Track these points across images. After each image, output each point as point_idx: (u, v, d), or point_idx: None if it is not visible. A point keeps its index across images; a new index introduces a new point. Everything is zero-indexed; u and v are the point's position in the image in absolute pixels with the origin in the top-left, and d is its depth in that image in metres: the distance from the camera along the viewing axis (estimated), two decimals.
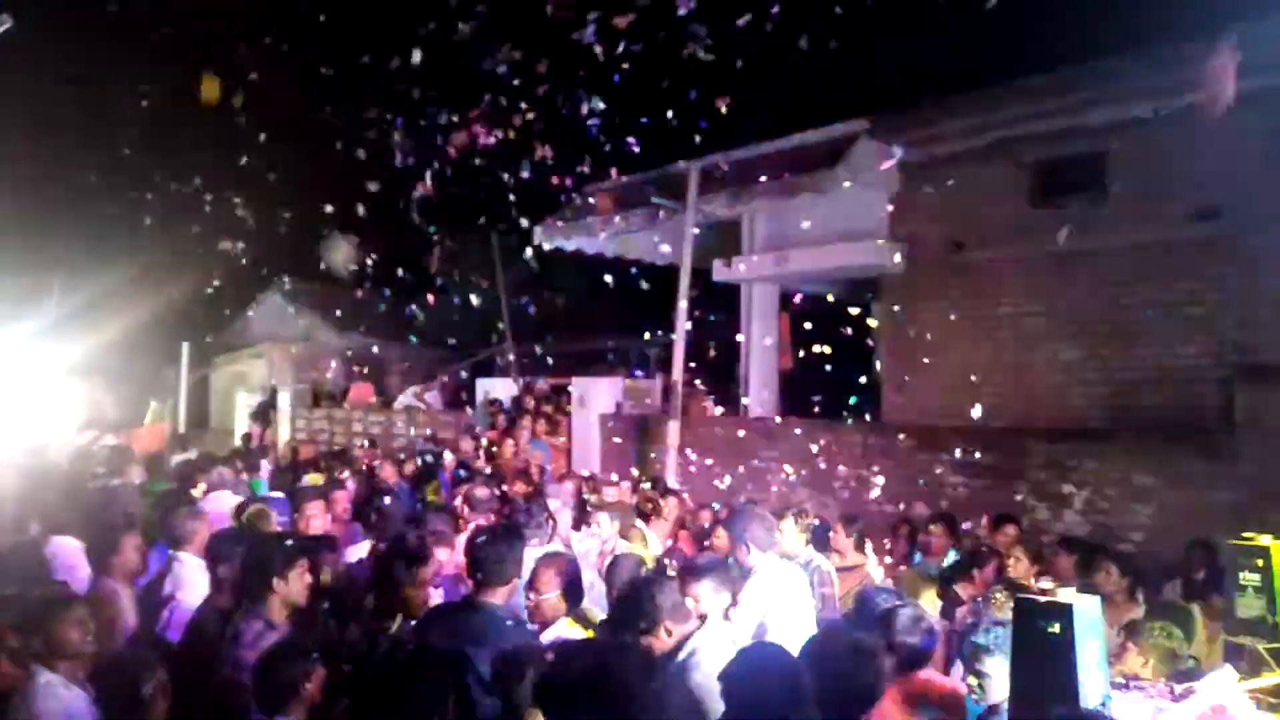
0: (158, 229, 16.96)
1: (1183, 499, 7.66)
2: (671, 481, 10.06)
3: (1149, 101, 9.07)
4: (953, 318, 10.53)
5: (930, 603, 4.66)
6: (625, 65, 8.77)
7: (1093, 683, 2.77)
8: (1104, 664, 2.80)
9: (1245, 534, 3.36)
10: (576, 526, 6.48)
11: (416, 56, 8.85)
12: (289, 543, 4.34)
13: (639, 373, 15.21)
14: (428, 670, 2.87)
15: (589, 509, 6.52)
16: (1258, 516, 6.47)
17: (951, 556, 6.36)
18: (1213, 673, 3.12)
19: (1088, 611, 2.82)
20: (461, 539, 5.18)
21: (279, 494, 7.55)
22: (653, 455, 11.35)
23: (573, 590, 3.99)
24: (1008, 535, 6.59)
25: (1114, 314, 9.48)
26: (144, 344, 17.61)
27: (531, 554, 4.43)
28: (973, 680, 3.44)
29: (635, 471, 10.85)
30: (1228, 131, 8.66)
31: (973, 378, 10.31)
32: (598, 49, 8.52)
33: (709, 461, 10.90)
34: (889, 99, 10.58)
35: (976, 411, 9.75)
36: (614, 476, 9.82)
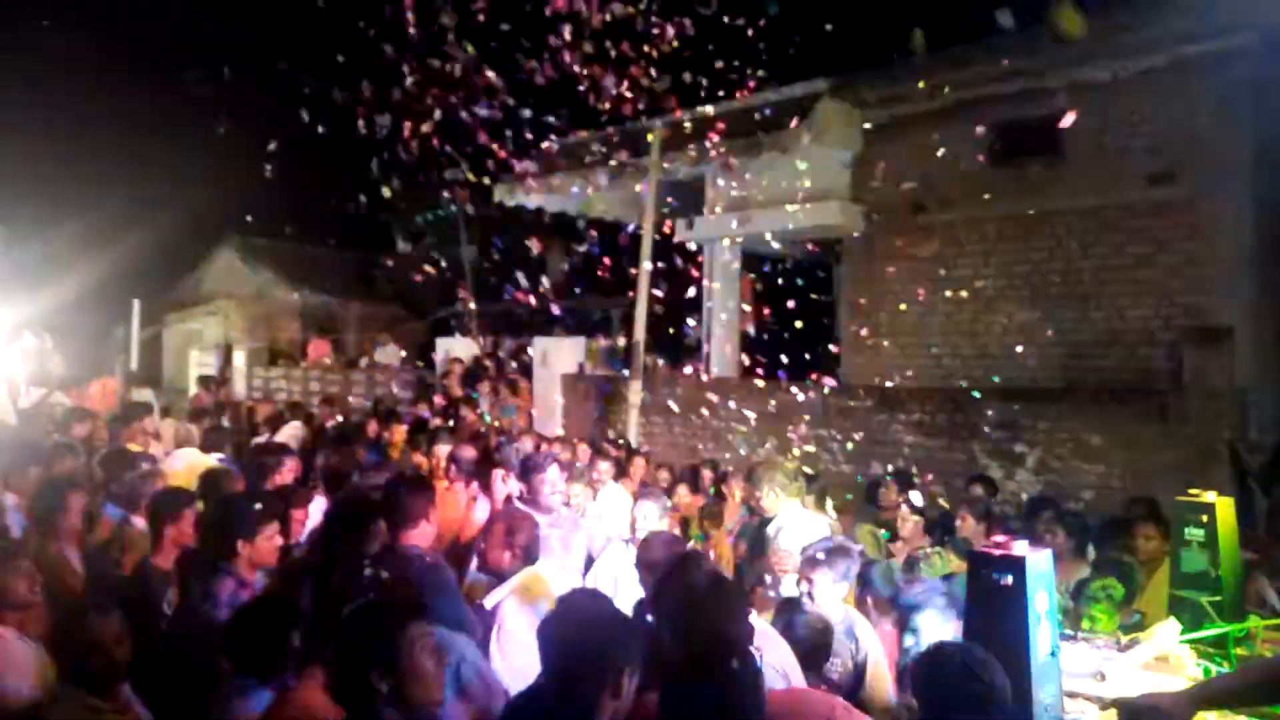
0: (108, 182, 16.51)
1: (1131, 458, 7.86)
2: (634, 441, 10.11)
3: (1107, 65, 9.16)
4: (912, 279, 10.64)
5: None
6: (589, 20, 8.62)
7: (1043, 633, 2.86)
8: (1054, 615, 2.89)
9: (1191, 491, 3.45)
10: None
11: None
12: (258, 504, 4.26)
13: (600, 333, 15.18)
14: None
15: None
16: (1203, 474, 6.69)
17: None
18: (1158, 625, 3.22)
19: (1039, 564, 2.90)
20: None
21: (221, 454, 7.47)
22: (615, 415, 11.38)
23: (526, 547, 4.06)
24: (975, 494, 6.76)
25: (1069, 276, 9.64)
26: (93, 300, 17.18)
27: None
28: (908, 640, 3.48)
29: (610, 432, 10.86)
30: (1182, 97, 8.80)
31: (930, 339, 10.45)
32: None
33: (671, 421, 10.96)
34: (852, 58, 10.54)
35: (933, 371, 9.89)
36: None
